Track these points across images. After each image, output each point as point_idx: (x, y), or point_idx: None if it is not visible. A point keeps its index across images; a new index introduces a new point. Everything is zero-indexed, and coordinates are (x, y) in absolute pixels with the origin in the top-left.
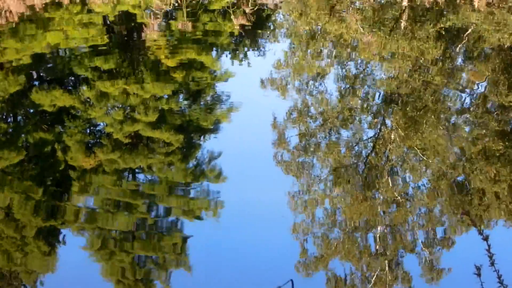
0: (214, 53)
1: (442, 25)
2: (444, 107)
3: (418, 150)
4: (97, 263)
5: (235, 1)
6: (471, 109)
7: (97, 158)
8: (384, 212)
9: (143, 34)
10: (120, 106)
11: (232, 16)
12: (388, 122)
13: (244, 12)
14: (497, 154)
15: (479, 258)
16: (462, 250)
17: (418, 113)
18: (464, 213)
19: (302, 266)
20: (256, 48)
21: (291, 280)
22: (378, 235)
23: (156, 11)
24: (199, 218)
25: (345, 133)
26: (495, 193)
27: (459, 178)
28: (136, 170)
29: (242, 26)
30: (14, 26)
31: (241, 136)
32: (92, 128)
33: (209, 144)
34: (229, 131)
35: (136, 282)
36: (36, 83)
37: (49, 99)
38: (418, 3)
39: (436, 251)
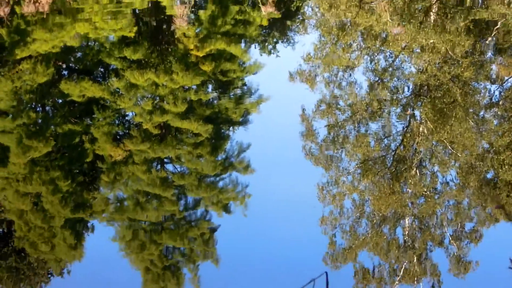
0: (243, 44)
1: (472, 18)
2: (473, 101)
3: (447, 143)
4: (126, 253)
5: None
6: (501, 102)
7: (126, 148)
8: (412, 204)
9: (172, 25)
10: (149, 96)
11: (260, 4)
12: (417, 114)
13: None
14: None
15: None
16: (491, 243)
17: (447, 106)
18: (499, 207)
19: (330, 258)
20: (285, 40)
21: (326, 273)
22: (406, 228)
23: (185, 1)
24: (227, 209)
25: (373, 126)
26: None
27: (488, 172)
28: (165, 161)
29: (271, 17)
30: (44, 16)
31: (270, 127)
32: (121, 118)
33: (237, 135)
34: (258, 123)
35: (164, 271)
36: (65, 73)
37: (78, 90)
38: None
39: (464, 245)
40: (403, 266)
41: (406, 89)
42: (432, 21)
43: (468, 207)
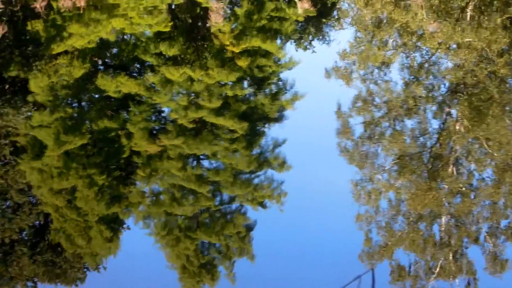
0: (278, 40)
1: (508, 16)
2: (510, 98)
3: (483, 141)
4: (162, 249)
5: None
6: None
7: (161, 143)
8: (449, 203)
9: (207, 21)
10: (185, 92)
11: (296, 0)
12: (453, 112)
13: None
14: None
15: None
16: None
17: (484, 104)
18: None
19: (366, 255)
20: (320, 36)
21: (372, 270)
22: (442, 225)
23: None
24: (263, 205)
25: (409, 123)
26: None
27: None
28: (201, 156)
29: (307, 14)
30: (80, 11)
31: (305, 124)
32: (156, 114)
33: (273, 131)
34: (293, 119)
35: (200, 268)
36: (101, 68)
37: (114, 85)
38: None
39: (500, 242)
40: (439, 263)
41: (442, 86)
42: (468, 18)
43: (504, 205)
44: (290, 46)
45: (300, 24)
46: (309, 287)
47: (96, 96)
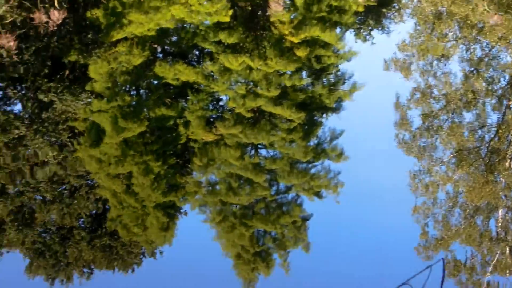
0: (338, 30)
1: None
2: None
3: None
4: (217, 235)
5: None
6: None
7: (218, 132)
8: (506, 196)
9: (267, 10)
10: (243, 81)
11: None
12: None
13: None
14: None
15: None
16: None
17: None
18: None
19: (422, 247)
20: (380, 27)
21: (442, 259)
22: (499, 219)
23: None
24: (319, 195)
25: (468, 116)
26: None
27: None
28: (258, 145)
29: (367, 4)
30: None
31: (363, 115)
32: (214, 102)
33: (331, 122)
34: (351, 110)
35: (255, 256)
36: (160, 56)
37: (173, 73)
38: None
39: None
40: (496, 257)
41: (501, 80)
42: None
43: None
44: (349, 37)
45: (360, 15)
46: (366, 280)
47: (155, 83)
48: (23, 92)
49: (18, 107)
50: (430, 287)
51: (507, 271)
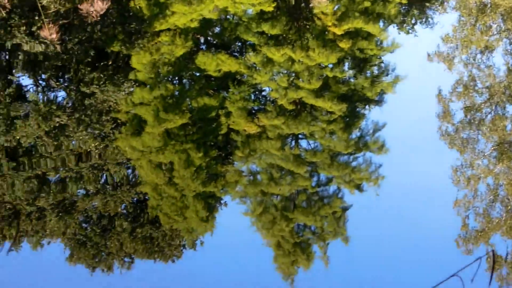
0: (381, 22)
1: None
2: None
3: None
4: (257, 227)
5: None
6: None
7: (260, 123)
8: None
9: (310, 1)
10: (285, 72)
11: None
12: None
13: None
14: None
15: None
16: None
17: None
18: None
19: (462, 240)
20: (423, 20)
21: (493, 251)
22: None
23: None
24: (360, 188)
25: (511, 109)
26: None
27: None
28: (298, 136)
29: None
30: None
31: (405, 107)
32: (256, 93)
33: (372, 114)
34: (393, 102)
35: (295, 247)
36: (203, 47)
37: (215, 63)
38: None
39: None
40: None
41: None
42: None
43: None
44: (392, 29)
45: (403, 6)
46: (410, 273)
47: (197, 74)
48: (66, 84)
49: (61, 94)
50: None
51: None
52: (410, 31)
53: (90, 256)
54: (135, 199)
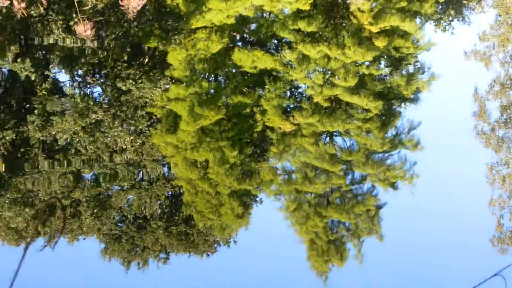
0: (417, 20)
1: None
2: None
3: None
4: (292, 224)
5: None
6: None
7: (295, 121)
8: None
9: None
10: (321, 70)
11: None
12: None
13: None
14: None
15: None
16: None
17: None
18: None
19: (497, 240)
20: (460, 18)
21: None
22: None
23: None
24: (394, 187)
25: None
26: None
27: None
28: (333, 133)
29: None
30: None
31: (441, 106)
32: (292, 91)
33: (408, 112)
34: (429, 101)
35: (329, 245)
36: (239, 44)
37: (251, 60)
38: None
39: None
40: None
41: None
42: None
43: None
44: (428, 27)
45: (440, 6)
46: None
47: (233, 71)
48: (102, 80)
49: (97, 90)
50: None
51: None
52: (446, 29)
53: (124, 250)
54: (170, 193)
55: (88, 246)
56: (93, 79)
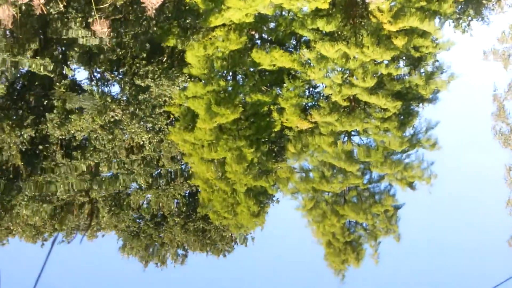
0: (437, 20)
1: None
2: None
3: None
4: (309, 223)
5: None
6: None
7: (313, 120)
8: None
9: None
10: (339, 69)
11: None
12: None
13: None
14: None
15: None
16: None
17: None
18: None
19: None
20: (479, 18)
21: None
22: None
23: None
24: (412, 187)
25: None
26: None
27: None
28: (351, 133)
29: None
30: None
31: (459, 106)
32: (310, 90)
33: (426, 112)
34: (447, 100)
35: (346, 245)
36: (257, 42)
37: (269, 59)
38: None
39: None
40: None
41: None
42: None
43: None
44: (447, 27)
45: (459, 6)
46: (467, 273)
47: (251, 70)
48: (121, 76)
49: (115, 89)
50: None
51: None
52: (465, 29)
53: (143, 247)
54: (187, 192)
55: (107, 242)
56: (111, 75)
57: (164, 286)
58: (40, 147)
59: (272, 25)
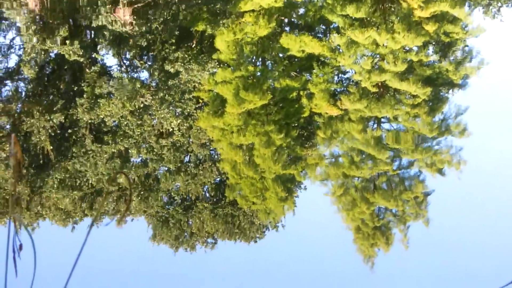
0: (467, 6)
1: None
2: None
3: None
4: (338, 209)
5: None
6: None
7: (342, 106)
8: None
9: None
10: (369, 55)
11: None
12: None
13: None
14: None
15: None
16: None
17: None
18: None
19: None
20: (510, 4)
21: None
22: None
23: None
24: (441, 173)
25: None
26: None
27: None
28: (382, 120)
29: None
30: None
31: (489, 92)
32: (339, 76)
33: (455, 98)
34: (477, 86)
35: (375, 230)
36: (286, 28)
37: (298, 45)
38: None
39: None
40: None
41: None
42: None
43: None
44: (477, 13)
45: None
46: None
47: (280, 55)
48: (150, 63)
49: (144, 74)
50: None
51: None
52: (495, 15)
53: (173, 237)
54: (217, 179)
55: (136, 227)
56: (141, 62)
57: (194, 269)
58: (70, 131)
59: (301, 10)
